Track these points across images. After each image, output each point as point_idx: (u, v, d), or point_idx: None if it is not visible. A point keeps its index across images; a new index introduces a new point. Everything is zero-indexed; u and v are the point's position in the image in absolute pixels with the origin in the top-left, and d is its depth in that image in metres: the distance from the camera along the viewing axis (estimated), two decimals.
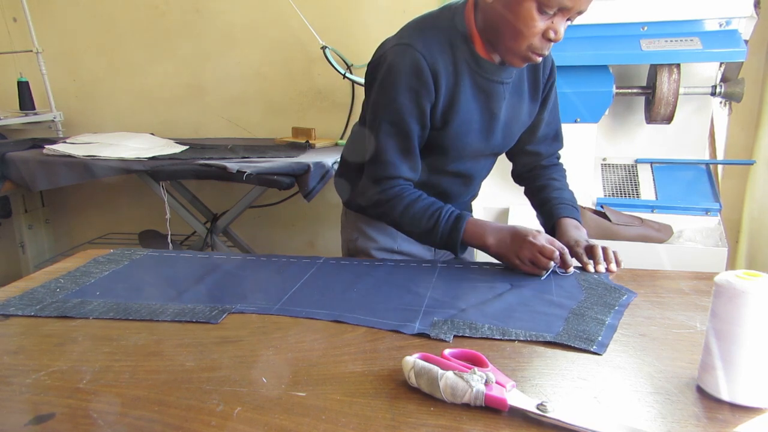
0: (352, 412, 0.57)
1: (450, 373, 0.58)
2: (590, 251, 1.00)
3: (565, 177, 1.25)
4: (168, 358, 0.69)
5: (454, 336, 0.73)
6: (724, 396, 0.57)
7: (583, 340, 0.71)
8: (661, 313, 0.80)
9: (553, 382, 0.62)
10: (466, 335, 0.73)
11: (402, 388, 0.61)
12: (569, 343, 0.70)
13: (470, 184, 1.21)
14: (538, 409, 0.54)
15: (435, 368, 0.59)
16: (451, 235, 1.03)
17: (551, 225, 1.14)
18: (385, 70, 0.99)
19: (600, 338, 0.71)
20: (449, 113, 1.02)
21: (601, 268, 0.97)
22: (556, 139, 1.24)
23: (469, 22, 1.00)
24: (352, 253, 1.22)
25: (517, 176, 1.29)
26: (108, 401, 0.60)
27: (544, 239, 0.96)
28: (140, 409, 0.58)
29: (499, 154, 1.19)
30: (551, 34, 0.91)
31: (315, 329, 0.77)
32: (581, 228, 1.10)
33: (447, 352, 0.64)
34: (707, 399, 0.58)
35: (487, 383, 0.57)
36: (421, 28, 1.01)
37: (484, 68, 1.02)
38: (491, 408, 0.56)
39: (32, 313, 0.83)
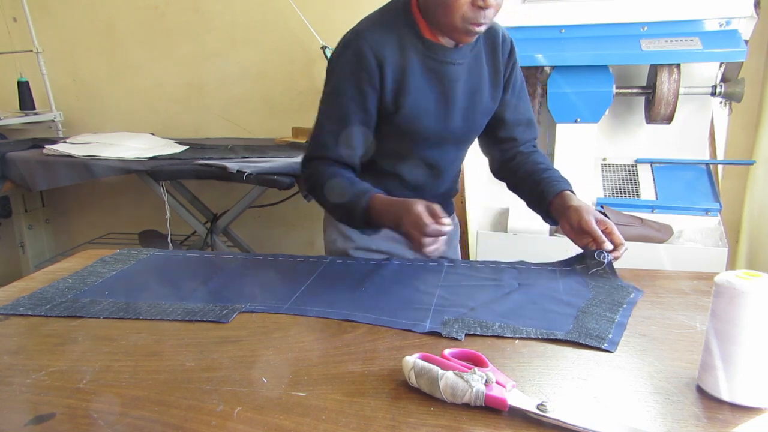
0: (352, 412, 0.57)
1: (450, 373, 0.58)
2: (607, 233, 0.98)
3: (548, 161, 1.20)
4: (168, 358, 0.69)
5: (466, 335, 0.73)
6: (724, 396, 0.57)
7: (593, 337, 0.71)
8: (661, 313, 0.80)
9: (553, 382, 0.62)
10: (478, 333, 0.73)
11: (402, 388, 0.61)
12: (580, 341, 0.70)
13: (439, 175, 1.17)
14: (538, 409, 0.54)
15: (435, 368, 0.59)
16: (359, 211, 1.00)
17: (547, 205, 1.08)
18: (332, 58, 1.05)
19: (611, 336, 0.72)
20: (400, 96, 1.02)
21: (612, 249, 0.96)
22: (530, 125, 1.20)
23: (414, 7, 1.03)
24: (333, 255, 1.21)
25: (498, 171, 1.24)
26: (108, 401, 0.60)
27: (420, 209, 0.89)
28: (140, 409, 0.58)
29: (465, 141, 1.17)
30: (480, 2, 0.91)
31: (315, 329, 0.77)
32: (582, 202, 1.05)
33: (447, 352, 0.64)
34: (707, 399, 0.58)
35: (487, 383, 0.57)
36: (372, 17, 1.06)
37: (432, 50, 1.03)
38: (491, 408, 0.56)
39: (42, 313, 0.83)
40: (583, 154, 1.75)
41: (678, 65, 1.57)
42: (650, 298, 0.86)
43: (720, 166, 2.00)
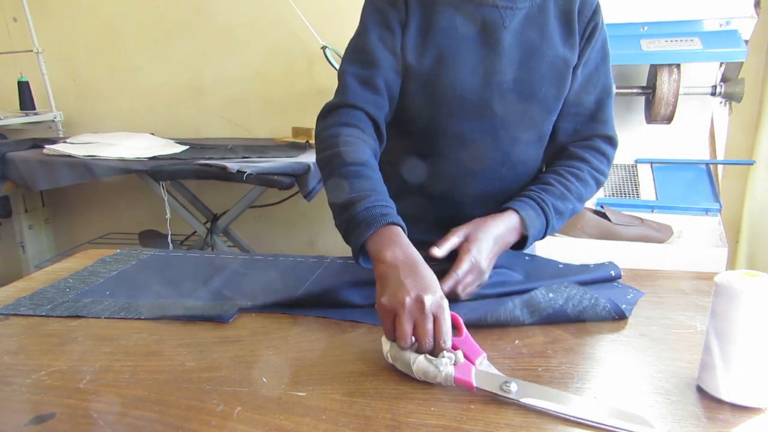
0: (352, 412, 0.57)
1: (421, 358, 0.61)
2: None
3: (582, 175, 0.92)
4: (168, 358, 0.69)
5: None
6: (724, 396, 0.57)
7: (609, 311, 0.75)
8: (661, 313, 0.80)
9: (554, 382, 0.62)
10: (487, 322, 0.74)
11: (402, 388, 0.61)
12: (598, 315, 0.75)
13: (485, 166, 0.91)
14: (501, 389, 0.56)
15: (408, 353, 0.62)
16: (356, 228, 0.74)
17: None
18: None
19: (624, 306, 0.76)
20: (427, 39, 0.87)
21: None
22: (595, 116, 0.94)
23: None
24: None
25: (545, 163, 1.02)
26: (108, 401, 0.60)
27: (416, 313, 0.63)
28: (140, 409, 0.58)
29: (518, 114, 0.91)
30: None
31: (315, 329, 0.77)
32: (500, 223, 0.84)
33: None
34: (707, 399, 0.58)
35: (456, 363, 0.59)
36: None
37: None
38: (491, 408, 0.56)
39: (43, 313, 0.83)
40: None
41: (678, 65, 1.57)
42: (650, 298, 0.86)
43: (720, 166, 2.00)
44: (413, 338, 0.62)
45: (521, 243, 0.88)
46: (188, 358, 0.69)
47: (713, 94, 1.65)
